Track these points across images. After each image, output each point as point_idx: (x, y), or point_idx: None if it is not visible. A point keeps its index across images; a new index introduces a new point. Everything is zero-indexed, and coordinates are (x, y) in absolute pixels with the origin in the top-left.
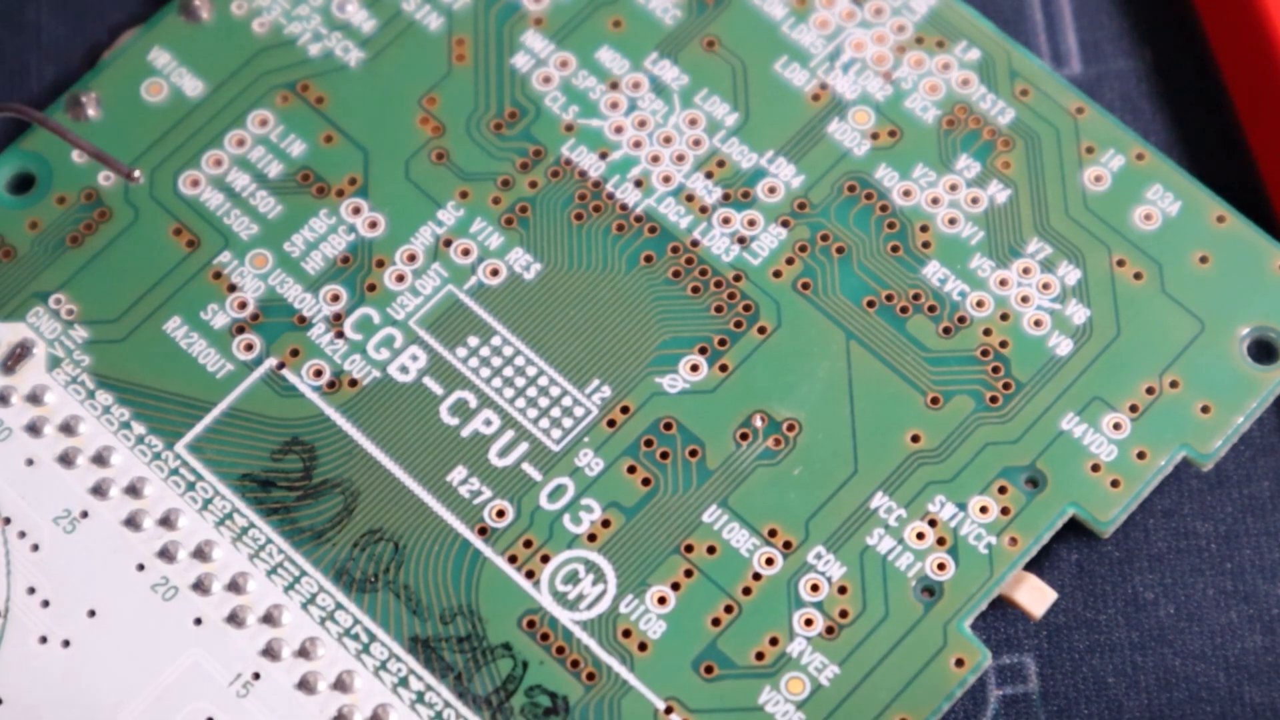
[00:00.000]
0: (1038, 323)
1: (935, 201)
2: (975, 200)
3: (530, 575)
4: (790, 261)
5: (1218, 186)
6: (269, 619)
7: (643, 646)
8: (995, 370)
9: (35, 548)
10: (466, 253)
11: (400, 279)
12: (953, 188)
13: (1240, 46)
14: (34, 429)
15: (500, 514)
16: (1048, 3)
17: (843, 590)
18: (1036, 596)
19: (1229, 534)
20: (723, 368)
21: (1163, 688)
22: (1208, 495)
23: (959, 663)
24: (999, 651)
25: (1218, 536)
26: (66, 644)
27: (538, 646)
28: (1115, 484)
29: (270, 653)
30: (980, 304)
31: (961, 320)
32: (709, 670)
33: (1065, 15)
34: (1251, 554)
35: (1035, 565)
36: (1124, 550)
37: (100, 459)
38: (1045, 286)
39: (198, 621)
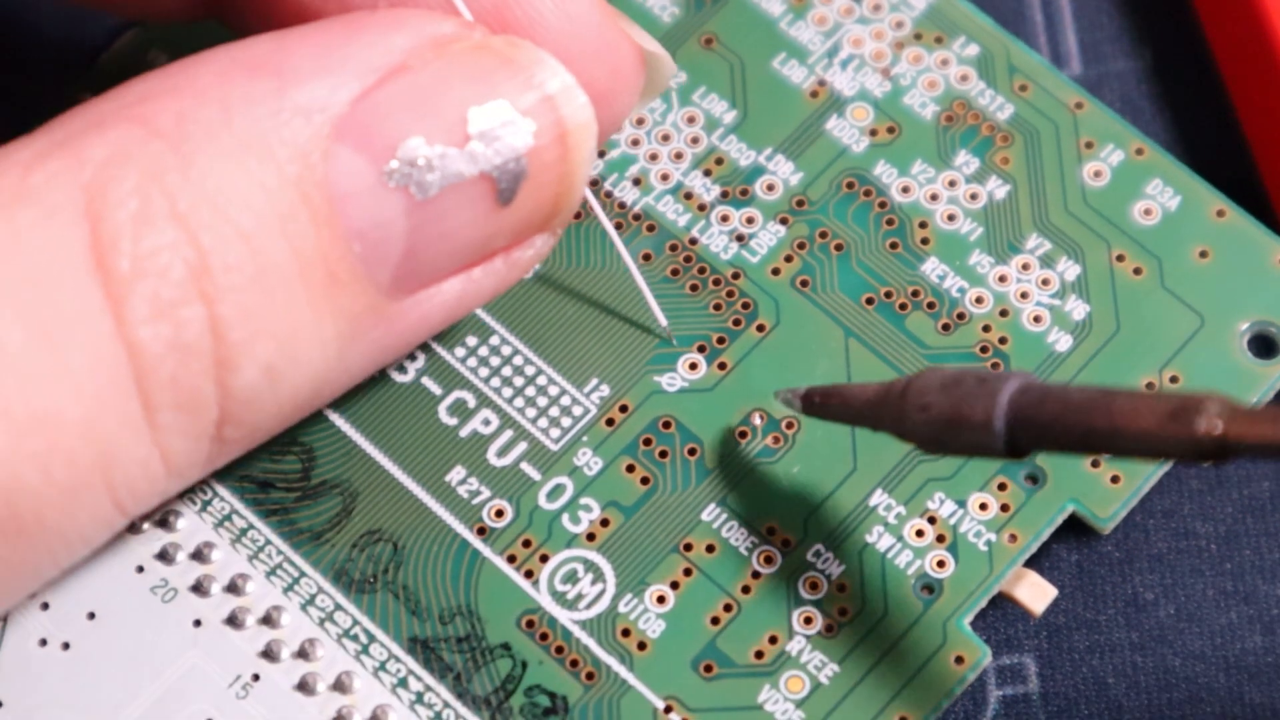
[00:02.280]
0: (1037, 319)
1: (934, 198)
2: (974, 196)
3: (529, 575)
4: (789, 259)
5: (1218, 186)
6: (268, 620)
7: (642, 646)
8: (994, 367)
9: None
10: None
11: None
12: (951, 184)
13: (1240, 46)
14: None
15: (499, 514)
16: (1048, 3)
17: (842, 588)
18: (1037, 593)
19: (1229, 534)
20: (721, 366)
21: (1163, 688)
22: (1208, 495)
23: (959, 660)
24: (999, 652)
25: (1218, 537)
26: (66, 647)
27: (537, 646)
28: (1115, 480)
29: (269, 654)
30: (979, 300)
31: (960, 317)
32: (708, 669)
33: (1065, 16)
34: (1251, 554)
35: (1035, 566)
36: (1124, 550)
37: None
38: (1044, 282)
39: (197, 623)
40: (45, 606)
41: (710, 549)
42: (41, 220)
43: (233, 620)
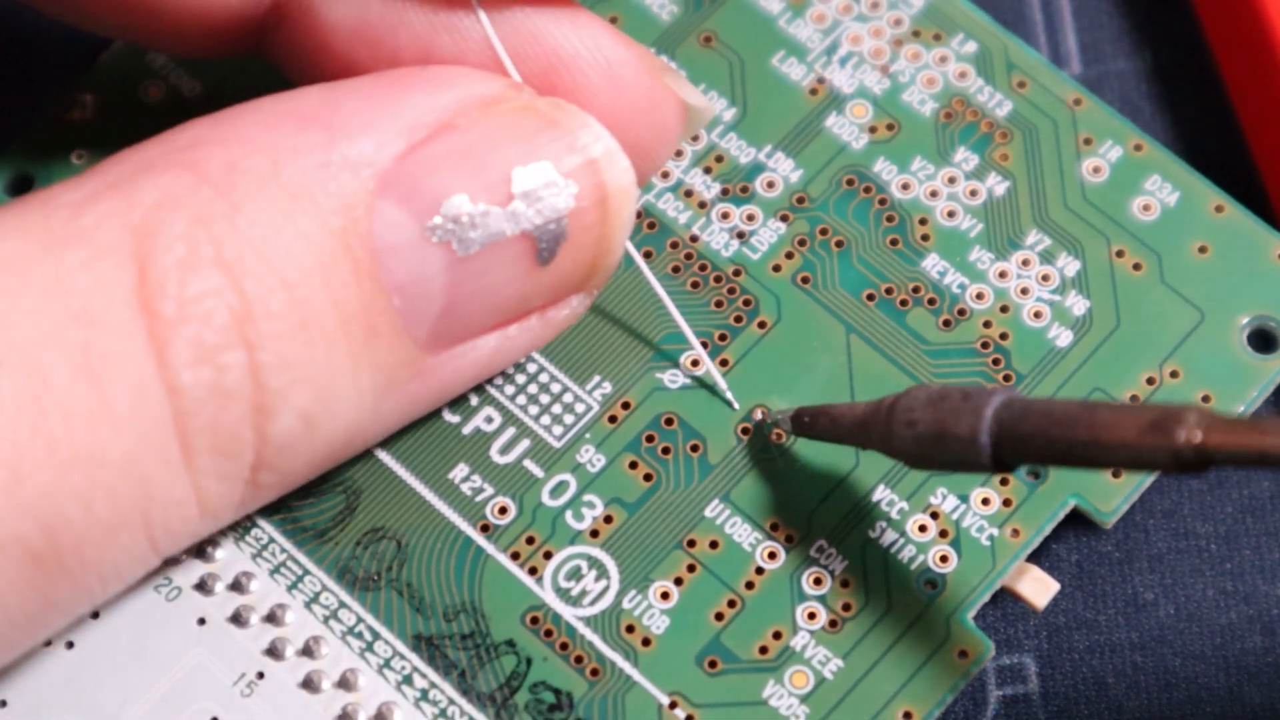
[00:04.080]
0: (1038, 314)
1: (934, 194)
2: (974, 193)
3: (533, 572)
4: (790, 256)
5: (1218, 185)
6: (272, 618)
7: (646, 642)
8: (996, 362)
9: None
10: None
11: None
12: (951, 180)
13: (1240, 46)
14: None
15: (502, 511)
16: (1047, 3)
17: (845, 584)
18: (1039, 587)
19: (1229, 534)
20: (723, 362)
21: (1163, 688)
22: (1208, 495)
23: (962, 654)
24: (999, 652)
25: (1218, 537)
26: (70, 646)
27: (541, 643)
28: (1116, 474)
29: (274, 652)
30: (980, 296)
31: (961, 313)
32: (713, 665)
33: (1065, 16)
34: (1251, 554)
35: (1035, 565)
36: (1124, 550)
37: None
38: (1045, 278)
39: (201, 622)
40: None
41: (714, 545)
42: (90, 261)
43: (237, 618)
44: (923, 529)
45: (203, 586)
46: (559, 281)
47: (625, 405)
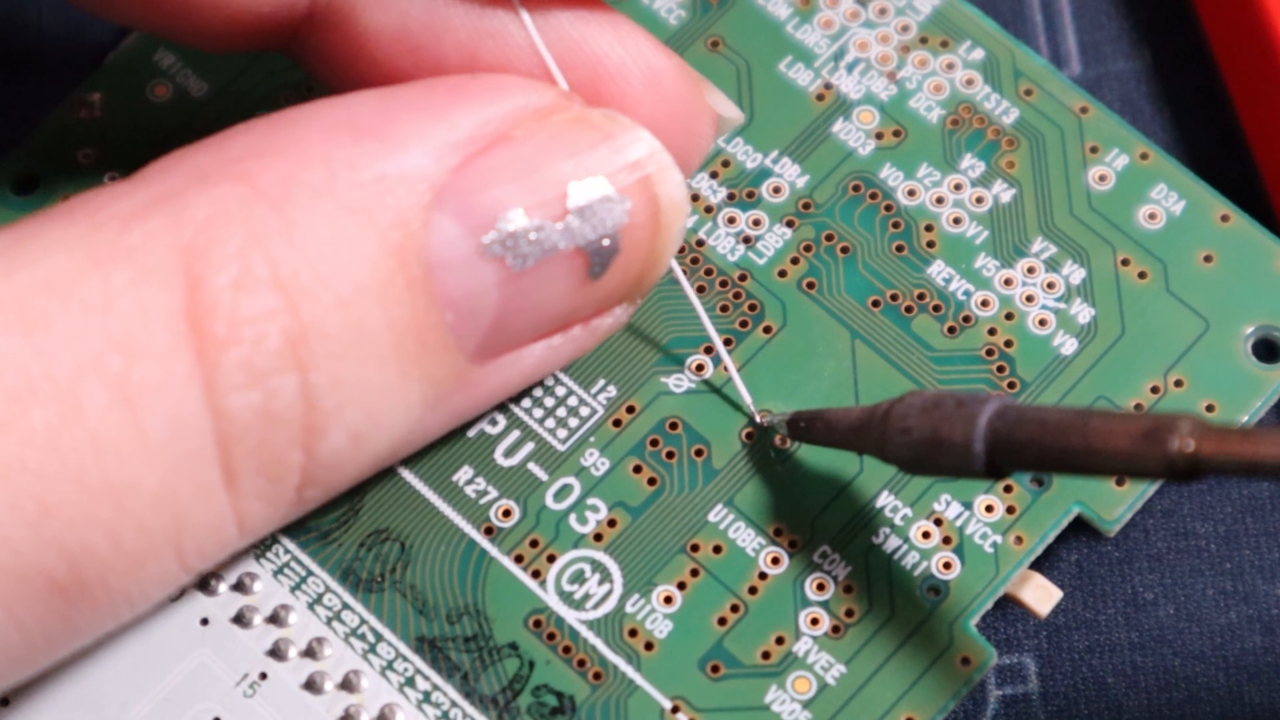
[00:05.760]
0: (1042, 322)
1: (940, 201)
2: (980, 200)
3: (536, 575)
4: (795, 261)
5: (1219, 187)
6: (275, 619)
7: (649, 646)
8: (1000, 369)
9: None
10: None
11: None
12: (957, 187)
13: (1240, 46)
14: None
15: (506, 514)
16: (1047, 4)
17: (849, 589)
18: (1042, 595)
19: (1229, 534)
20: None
21: (1162, 688)
22: (1208, 495)
23: (965, 661)
24: (999, 652)
25: (1218, 536)
26: None
27: (544, 646)
28: (1120, 483)
29: (277, 653)
30: (985, 303)
31: (966, 319)
32: (715, 669)
33: (1065, 16)
34: (1251, 554)
35: (1035, 566)
36: (1124, 550)
37: None
38: (1050, 286)
39: (204, 622)
40: None
41: (717, 550)
42: (136, 282)
43: (240, 619)
44: (926, 535)
45: (206, 587)
46: (608, 294)
47: (630, 409)
